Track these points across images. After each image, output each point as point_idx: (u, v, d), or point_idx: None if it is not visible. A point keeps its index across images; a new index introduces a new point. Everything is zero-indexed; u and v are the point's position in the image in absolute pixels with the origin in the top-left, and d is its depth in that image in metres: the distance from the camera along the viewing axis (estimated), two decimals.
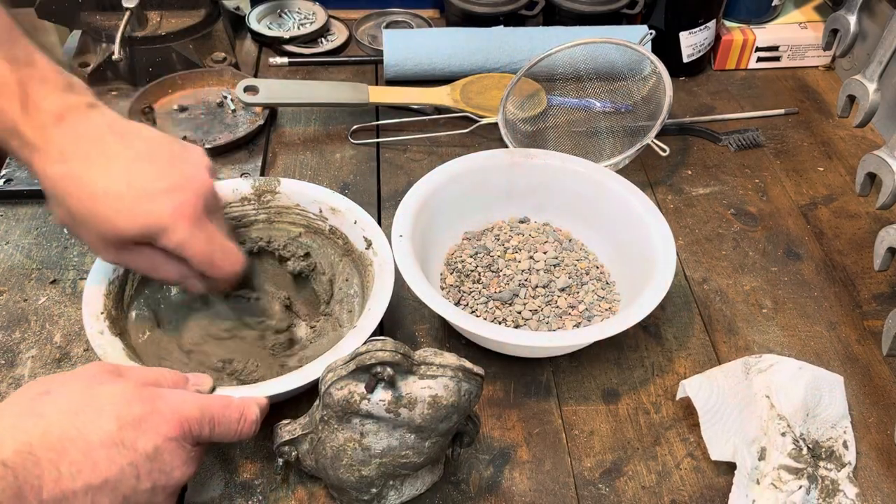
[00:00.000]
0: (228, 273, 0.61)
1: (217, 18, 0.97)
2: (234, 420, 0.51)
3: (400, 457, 0.51)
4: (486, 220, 0.77)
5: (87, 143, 0.56)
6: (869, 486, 0.60)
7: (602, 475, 0.60)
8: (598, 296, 0.71)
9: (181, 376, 0.53)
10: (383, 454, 0.51)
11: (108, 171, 0.56)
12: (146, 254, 0.58)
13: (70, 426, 0.43)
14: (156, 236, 0.56)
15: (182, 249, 0.57)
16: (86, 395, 0.46)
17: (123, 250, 0.57)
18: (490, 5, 1.00)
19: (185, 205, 0.57)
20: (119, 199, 0.55)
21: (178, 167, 0.58)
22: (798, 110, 0.97)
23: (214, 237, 0.59)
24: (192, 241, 0.57)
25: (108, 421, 0.44)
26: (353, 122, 0.91)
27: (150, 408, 0.46)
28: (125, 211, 0.55)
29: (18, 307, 0.69)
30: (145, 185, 0.56)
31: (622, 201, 0.72)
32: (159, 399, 0.48)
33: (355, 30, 1.06)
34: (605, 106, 0.88)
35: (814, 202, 0.85)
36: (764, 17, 1.03)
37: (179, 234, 0.56)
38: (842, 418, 0.62)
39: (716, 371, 0.64)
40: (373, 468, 0.52)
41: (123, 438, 0.44)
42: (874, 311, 0.74)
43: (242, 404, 0.52)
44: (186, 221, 0.57)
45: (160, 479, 0.46)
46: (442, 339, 0.69)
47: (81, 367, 0.49)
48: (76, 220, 0.56)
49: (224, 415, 0.50)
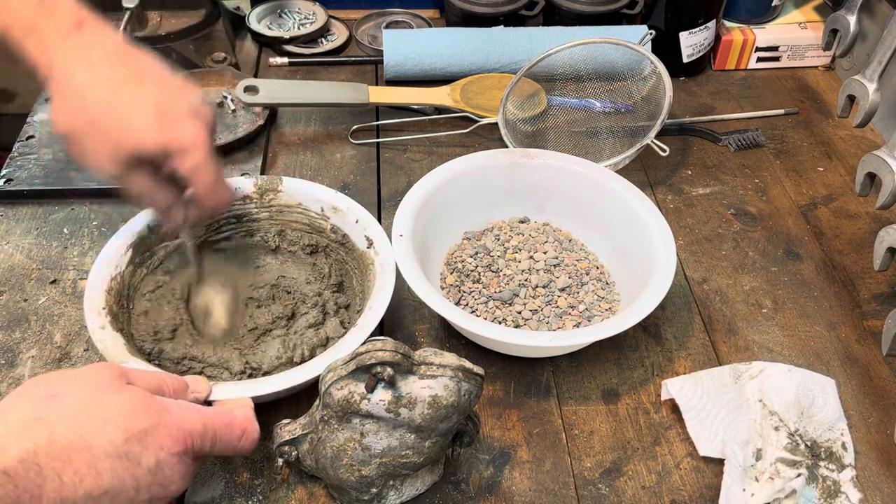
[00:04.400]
0: (223, 202, 0.62)
1: (217, 19, 0.97)
2: (235, 437, 0.51)
3: (400, 457, 0.51)
4: (486, 220, 0.77)
5: (111, 52, 0.56)
6: (869, 486, 0.60)
7: (602, 475, 0.60)
8: (598, 296, 0.71)
9: (181, 381, 0.53)
10: (383, 454, 0.51)
11: (134, 87, 0.56)
12: (147, 176, 0.58)
13: (76, 435, 0.43)
14: (173, 156, 0.57)
15: (194, 173, 0.58)
16: (93, 403, 0.45)
17: (130, 167, 0.57)
18: (490, 5, 1.00)
19: (202, 131, 0.58)
20: (146, 114, 0.56)
21: (189, 96, 0.59)
22: (798, 110, 0.97)
23: (219, 167, 0.60)
24: (205, 166, 0.58)
25: (115, 432, 0.44)
26: (353, 122, 0.91)
27: (155, 421, 0.46)
28: (152, 127, 0.56)
29: (18, 307, 0.69)
30: (171, 105, 0.57)
31: (622, 201, 0.72)
32: (165, 412, 0.47)
33: (355, 30, 1.06)
34: (605, 106, 0.88)
35: (814, 202, 0.85)
36: (764, 18, 1.03)
37: (196, 157, 0.57)
38: (838, 420, 0.62)
39: (702, 374, 0.64)
40: (373, 468, 0.52)
41: (128, 451, 0.44)
42: (874, 311, 0.74)
43: (245, 421, 0.52)
44: (203, 146, 0.58)
45: (158, 493, 0.46)
46: (442, 339, 0.69)
47: (88, 367, 0.49)
48: (96, 129, 0.56)
49: (226, 431, 0.50)
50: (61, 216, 0.78)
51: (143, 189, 0.59)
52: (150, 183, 0.59)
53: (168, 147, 0.56)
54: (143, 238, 0.67)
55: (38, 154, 0.82)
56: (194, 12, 0.94)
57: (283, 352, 0.62)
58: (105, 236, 0.74)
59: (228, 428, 0.51)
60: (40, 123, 0.86)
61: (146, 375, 0.51)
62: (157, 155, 0.57)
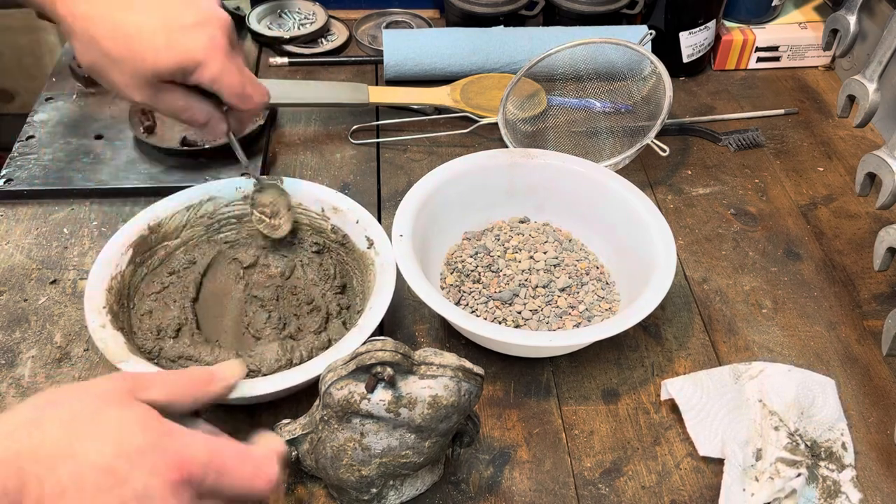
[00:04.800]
0: (258, 104, 0.62)
1: None
2: (247, 473, 0.44)
3: (400, 457, 0.51)
4: (486, 220, 0.77)
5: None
6: (869, 486, 0.60)
7: (602, 475, 0.60)
8: (598, 296, 0.71)
9: (205, 373, 0.50)
10: (383, 454, 0.51)
11: (137, 9, 0.56)
12: (178, 93, 0.59)
13: (66, 444, 0.40)
14: (192, 71, 0.57)
15: (216, 82, 0.58)
16: (91, 413, 0.42)
17: (157, 90, 0.58)
18: (490, 5, 1.00)
19: (217, 38, 0.58)
20: (154, 35, 0.56)
21: (198, 3, 0.59)
22: (798, 110, 0.97)
23: (243, 69, 0.60)
24: (226, 73, 0.58)
25: (106, 445, 0.40)
26: (353, 123, 0.91)
27: (152, 441, 0.41)
28: (163, 47, 0.56)
29: (18, 307, 0.69)
30: (177, 20, 0.57)
31: (622, 201, 0.72)
32: (166, 435, 0.42)
33: (355, 30, 1.06)
34: (605, 106, 0.88)
35: (814, 202, 0.85)
36: (764, 18, 1.03)
37: (215, 67, 0.57)
38: (837, 421, 0.62)
39: (702, 374, 0.64)
40: (373, 468, 0.52)
41: (117, 468, 0.40)
42: (874, 311, 0.74)
43: (261, 458, 0.45)
44: (220, 54, 0.58)
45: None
46: (442, 339, 0.69)
47: (102, 377, 0.45)
48: (111, 61, 0.56)
49: (236, 465, 0.44)
50: (61, 216, 0.78)
51: (177, 107, 0.59)
52: (183, 100, 0.59)
53: (182, 64, 0.56)
54: (143, 237, 0.67)
55: (38, 154, 0.82)
56: None
57: (282, 354, 0.62)
58: (105, 236, 0.74)
59: (240, 461, 0.44)
60: (40, 123, 0.86)
61: (168, 378, 0.47)
62: (175, 73, 0.57)
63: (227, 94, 0.60)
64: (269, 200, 0.70)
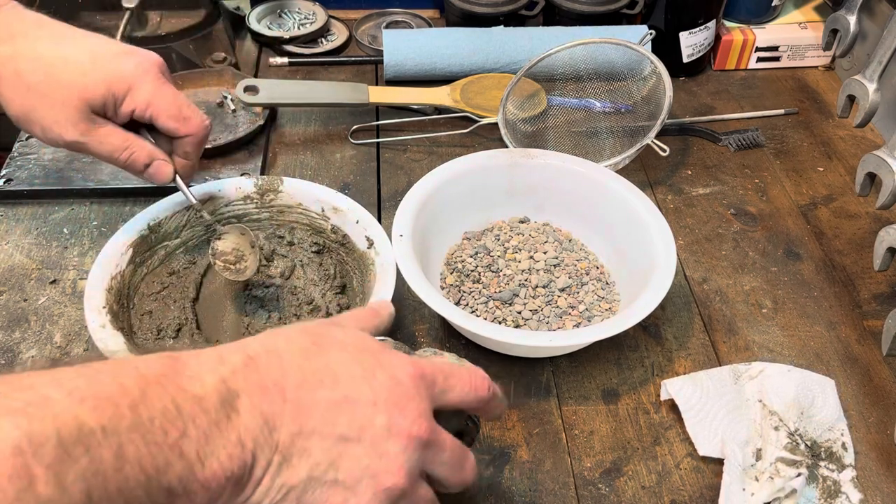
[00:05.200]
0: (198, 126, 0.59)
1: (217, 18, 0.97)
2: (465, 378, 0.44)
3: None
4: (486, 220, 0.77)
5: (32, 24, 0.56)
6: (869, 486, 0.60)
7: (602, 475, 0.60)
8: (598, 296, 0.71)
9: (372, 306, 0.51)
10: None
11: (63, 44, 0.55)
12: (114, 131, 0.57)
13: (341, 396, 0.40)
14: (122, 96, 0.55)
15: (150, 106, 0.56)
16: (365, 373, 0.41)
17: (90, 125, 0.55)
18: (490, 5, 1.00)
19: (145, 64, 0.56)
20: (81, 63, 0.55)
21: (121, 43, 0.58)
22: (798, 110, 0.97)
23: (178, 94, 0.58)
24: (159, 95, 0.56)
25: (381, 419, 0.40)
26: (353, 123, 0.91)
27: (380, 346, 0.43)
28: (90, 73, 0.54)
29: (18, 307, 0.69)
30: (106, 50, 0.56)
31: (622, 201, 0.72)
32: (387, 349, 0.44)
33: (355, 30, 1.06)
34: (605, 106, 0.88)
35: (814, 202, 0.85)
36: (764, 18, 1.03)
37: (146, 89, 0.56)
38: (837, 421, 0.62)
39: (701, 374, 0.64)
40: None
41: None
42: (874, 311, 0.74)
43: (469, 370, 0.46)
44: (150, 77, 0.56)
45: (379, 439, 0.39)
46: (442, 339, 0.69)
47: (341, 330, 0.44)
48: (39, 96, 0.54)
49: (454, 371, 0.44)
50: (61, 216, 0.78)
51: (114, 145, 0.57)
52: (120, 137, 0.57)
53: (111, 87, 0.55)
54: (143, 237, 0.67)
55: (38, 154, 0.82)
56: (194, 12, 0.94)
57: None
58: (105, 236, 0.74)
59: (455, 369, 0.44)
60: None
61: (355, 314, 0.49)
62: (105, 98, 0.55)
63: (163, 118, 0.57)
64: (232, 247, 0.66)
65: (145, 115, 0.57)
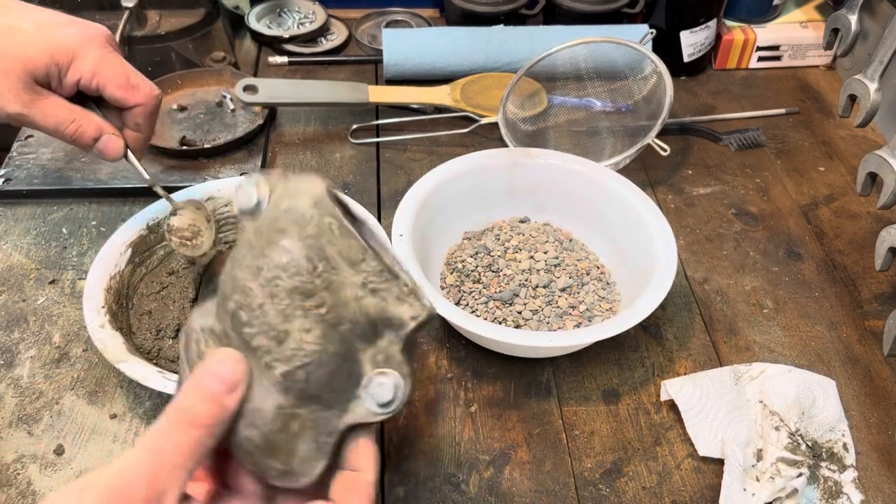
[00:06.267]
0: (148, 96, 0.58)
1: (216, 18, 0.97)
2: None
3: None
4: (486, 220, 0.77)
5: None
6: (870, 486, 0.60)
7: (602, 476, 0.60)
8: (598, 296, 0.70)
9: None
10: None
11: (7, 15, 0.54)
12: (59, 102, 0.55)
13: None
14: (67, 65, 0.54)
15: (97, 75, 0.55)
16: None
17: (34, 96, 0.54)
18: (490, 4, 1.00)
19: (92, 32, 0.55)
20: (25, 33, 0.53)
21: (67, 16, 0.57)
22: (799, 110, 0.97)
23: (125, 63, 0.57)
24: (105, 64, 0.55)
25: None
26: (352, 122, 0.91)
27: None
28: (33, 42, 0.53)
29: (17, 307, 0.69)
30: (49, 20, 0.54)
31: (623, 201, 0.72)
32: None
33: (355, 29, 1.06)
34: (605, 105, 0.88)
35: (815, 202, 0.85)
36: (765, 17, 1.03)
37: (92, 57, 0.54)
38: (839, 421, 0.62)
39: (701, 374, 0.64)
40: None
41: None
42: (875, 311, 0.73)
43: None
44: (96, 45, 0.55)
45: None
46: (442, 339, 0.69)
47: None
48: None
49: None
50: (60, 216, 0.78)
51: (60, 118, 0.55)
52: (66, 110, 0.55)
53: (55, 56, 0.53)
54: (142, 237, 0.67)
55: (37, 154, 0.82)
56: (193, 11, 0.94)
57: None
58: (104, 236, 0.74)
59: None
60: None
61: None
62: (49, 67, 0.53)
63: (110, 88, 0.55)
64: (188, 223, 0.65)
65: (91, 85, 0.56)
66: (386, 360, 0.38)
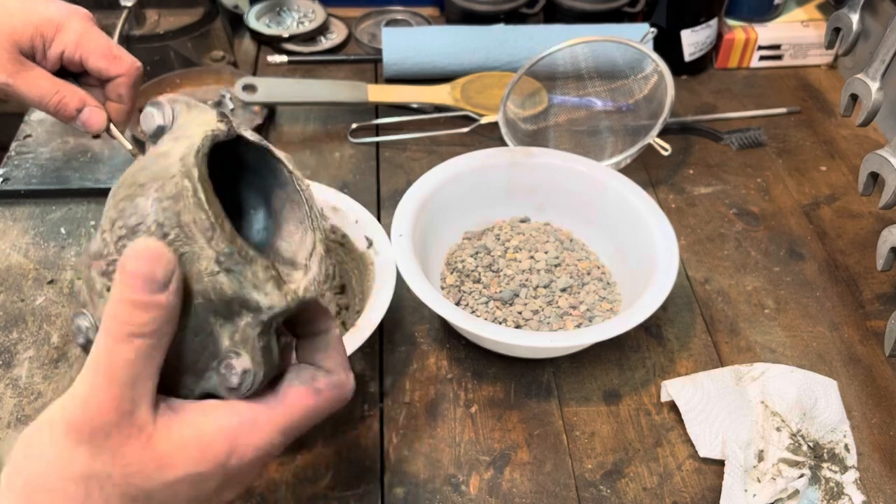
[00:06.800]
0: (130, 67, 0.59)
1: (215, 17, 0.97)
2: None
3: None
4: (486, 220, 0.77)
5: None
6: (872, 487, 0.60)
7: (603, 476, 0.60)
8: (599, 296, 0.70)
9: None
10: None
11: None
12: (43, 74, 0.56)
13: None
14: (52, 37, 0.56)
15: (80, 46, 0.56)
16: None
17: (18, 67, 0.55)
18: (490, 3, 0.99)
19: (73, 7, 0.57)
20: (9, 6, 0.55)
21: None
22: (800, 109, 0.97)
23: (107, 36, 0.58)
24: (88, 36, 0.57)
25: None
26: (352, 121, 0.90)
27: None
28: (17, 14, 0.55)
29: (16, 307, 0.69)
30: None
31: (624, 201, 0.72)
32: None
33: (355, 28, 1.05)
34: (606, 104, 0.88)
35: (816, 202, 0.85)
36: (766, 16, 1.02)
37: (75, 30, 0.56)
38: (840, 422, 0.62)
39: (702, 375, 0.64)
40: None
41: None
42: (877, 311, 0.73)
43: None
44: (78, 18, 0.57)
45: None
46: (442, 339, 0.69)
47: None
48: None
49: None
50: (59, 216, 0.77)
51: (44, 90, 0.56)
52: (49, 82, 0.57)
53: (40, 27, 0.55)
54: None
55: (36, 153, 0.82)
56: (192, 10, 0.94)
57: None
58: None
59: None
60: (37, 122, 0.86)
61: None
62: (34, 38, 0.55)
63: (93, 58, 0.57)
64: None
65: (75, 57, 0.57)
66: (243, 341, 0.36)
